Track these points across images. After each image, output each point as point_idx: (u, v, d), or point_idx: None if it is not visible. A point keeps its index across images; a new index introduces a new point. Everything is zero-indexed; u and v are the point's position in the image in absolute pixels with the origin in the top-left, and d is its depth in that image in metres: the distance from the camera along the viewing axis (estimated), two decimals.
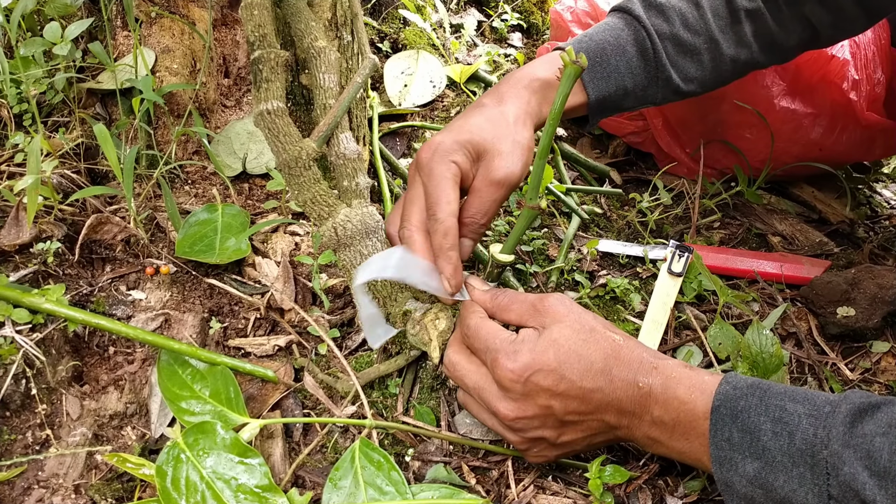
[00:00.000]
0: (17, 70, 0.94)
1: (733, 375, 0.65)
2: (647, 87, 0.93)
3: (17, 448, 0.75)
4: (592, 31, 0.92)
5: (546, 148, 0.70)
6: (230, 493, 0.68)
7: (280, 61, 0.92)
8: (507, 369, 0.66)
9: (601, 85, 0.90)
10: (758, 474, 0.60)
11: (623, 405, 0.66)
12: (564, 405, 0.66)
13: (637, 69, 0.91)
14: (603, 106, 0.92)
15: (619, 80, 0.90)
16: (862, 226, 1.21)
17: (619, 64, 0.90)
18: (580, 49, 0.89)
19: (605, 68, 0.89)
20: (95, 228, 0.91)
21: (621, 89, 0.91)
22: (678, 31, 0.92)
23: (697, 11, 0.93)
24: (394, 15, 1.48)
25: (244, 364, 0.81)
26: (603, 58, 0.89)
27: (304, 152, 0.87)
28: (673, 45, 0.92)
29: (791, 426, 0.60)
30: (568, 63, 0.66)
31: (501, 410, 0.68)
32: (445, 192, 0.74)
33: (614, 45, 0.90)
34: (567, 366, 0.66)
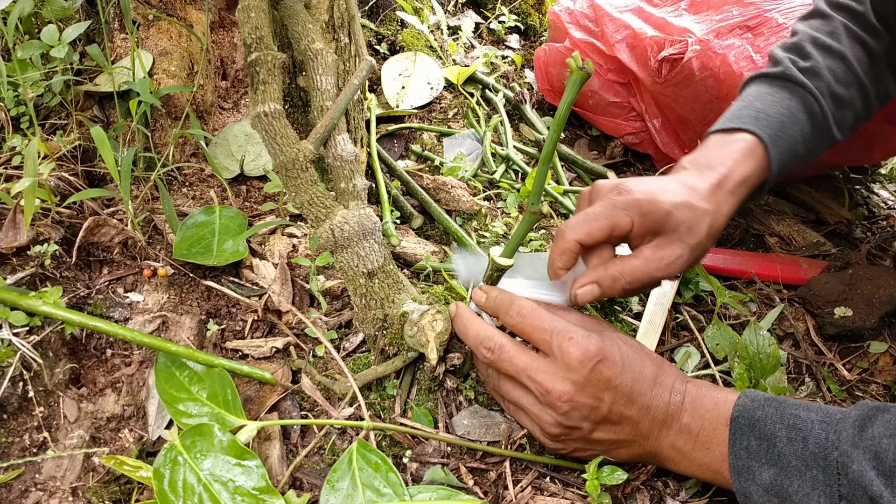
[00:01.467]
0: (15, 73, 0.94)
1: (751, 391, 0.70)
2: (813, 149, 0.91)
3: (15, 450, 0.75)
4: (762, 105, 0.89)
5: (549, 154, 0.70)
6: (227, 496, 0.68)
7: (277, 63, 0.92)
8: (581, 350, 0.68)
9: (783, 158, 0.87)
10: (774, 481, 0.63)
11: (657, 414, 0.70)
12: (613, 400, 0.69)
13: (808, 135, 0.90)
14: (779, 174, 0.88)
15: (795, 149, 0.88)
16: (859, 226, 1.21)
17: (795, 133, 0.88)
18: (763, 130, 0.85)
19: (785, 141, 0.87)
20: (93, 231, 0.91)
21: (794, 156, 0.89)
22: (834, 88, 0.92)
23: (844, 64, 0.93)
24: (391, 17, 1.48)
25: (242, 366, 0.81)
26: (783, 132, 0.87)
27: (302, 154, 0.87)
28: (833, 103, 0.92)
29: (805, 431, 0.63)
30: (574, 69, 0.66)
31: (557, 389, 0.69)
32: (594, 226, 0.73)
33: (788, 116, 0.88)
34: (628, 365, 0.70)
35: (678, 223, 0.74)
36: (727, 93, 1.17)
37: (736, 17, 1.19)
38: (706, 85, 1.18)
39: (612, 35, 1.24)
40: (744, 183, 0.82)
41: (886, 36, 0.95)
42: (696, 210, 0.75)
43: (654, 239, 0.75)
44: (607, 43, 1.25)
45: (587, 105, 1.38)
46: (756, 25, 1.18)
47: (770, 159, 0.85)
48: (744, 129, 0.85)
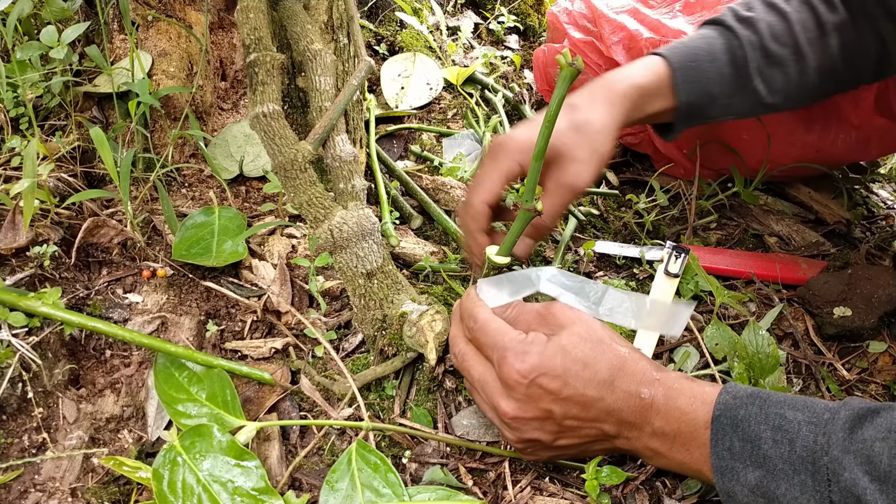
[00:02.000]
0: (14, 74, 0.94)
1: (733, 385, 0.66)
2: (732, 94, 0.93)
3: (14, 451, 0.75)
4: (686, 39, 0.94)
5: (542, 150, 0.70)
6: (227, 496, 0.68)
7: (276, 64, 0.92)
8: (514, 369, 0.66)
9: (691, 89, 0.90)
10: (759, 483, 0.60)
11: (623, 415, 0.67)
12: (565, 410, 0.67)
13: (726, 76, 0.92)
14: (689, 111, 0.93)
15: (708, 86, 0.91)
16: (858, 226, 1.21)
17: (710, 69, 0.91)
18: (672, 53, 0.90)
19: (697, 72, 0.90)
20: (92, 231, 0.91)
21: (708, 96, 0.92)
22: (767, 42, 0.93)
23: (785, 24, 0.94)
24: (390, 17, 1.48)
25: (241, 367, 0.81)
26: (695, 62, 0.90)
27: (300, 155, 0.87)
28: (762, 56, 0.93)
29: (791, 434, 0.60)
30: (564, 65, 0.66)
31: (502, 407, 0.68)
32: (490, 183, 0.79)
33: (707, 51, 0.91)
34: (573, 373, 0.66)
35: (561, 146, 0.79)
36: None
37: None
38: None
39: (609, 37, 1.24)
40: (638, 87, 0.86)
41: (843, 11, 0.95)
42: (578, 129, 0.80)
43: (552, 171, 0.80)
44: (605, 44, 1.25)
45: None
46: None
47: (675, 82, 0.89)
48: (655, 52, 0.91)
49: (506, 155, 0.79)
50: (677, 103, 0.90)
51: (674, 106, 0.91)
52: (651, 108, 0.90)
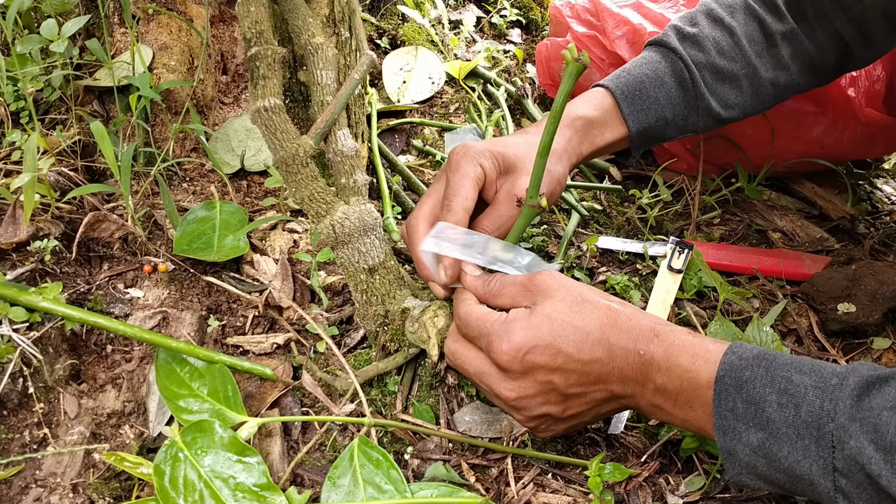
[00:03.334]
0: (14, 67, 0.93)
1: (739, 345, 0.64)
2: (687, 116, 0.94)
3: (15, 447, 0.74)
4: (629, 66, 0.94)
5: (547, 146, 0.69)
6: (228, 492, 0.68)
7: (277, 58, 0.92)
8: (502, 351, 0.66)
9: (641, 117, 0.91)
10: (761, 444, 0.59)
11: (625, 373, 0.65)
12: (565, 379, 0.66)
13: (676, 99, 0.93)
14: (644, 137, 0.93)
15: (659, 112, 0.92)
16: (863, 222, 1.20)
17: (659, 95, 0.91)
18: (618, 84, 0.91)
19: (645, 101, 0.91)
20: (93, 226, 0.91)
21: (661, 120, 0.92)
22: (714, 59, 0.93)
23: (732, 39, 0.94)
24: (392, 11, 1.48)
25: (242, 362, 0.81)
26: (641, 90, 0.91)
27: (302, 149, 0.86)
28: (711, 74, 0.94)
29: (797, 398, 0.59)
30: (570, 61, 0.65)
31: (503, 392, 0.68)
32: (464, 188, 0.77)
33: (652, 77, 0.92)
34: (562, 339, 0.65)
35: (515, 157, 0.81)
36: None
37: None
38: None
39: (613, 31, 1.24)
40: (584, 118, 0.88)
41: (790, 20, 0.95)
42: (529, 144, 0.82)
43: (502, 182, 0.81)
44: (608, 38, 1.25)
45: None
46: None
47: (623, 113, 0.90)
48: (599, 84, 0.93)
49: (469, 161, 0.79)
50: (630, 132, 0.91)
51: (626, 134, 0.91)
52: (603, 139, 0.90)
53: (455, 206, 0.77)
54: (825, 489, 0.56)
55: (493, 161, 0.80)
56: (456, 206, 0.77)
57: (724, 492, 0.75)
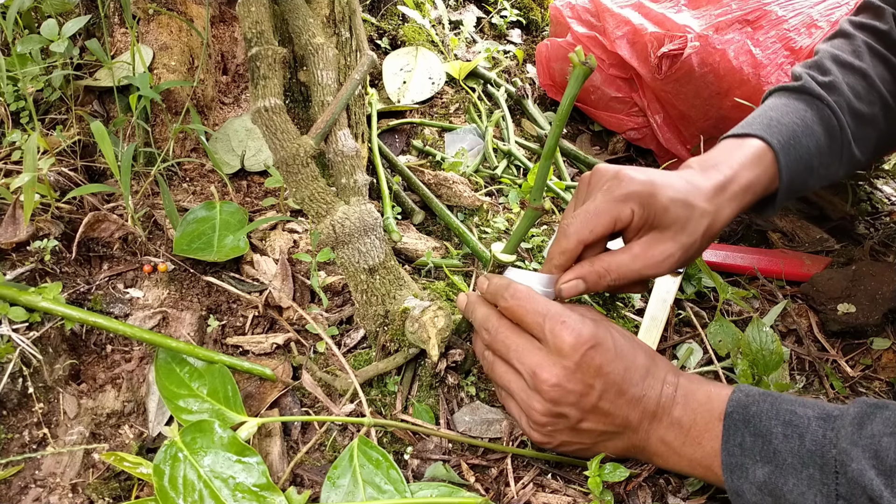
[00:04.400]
0: (14, 67, 0.93)
1: (745, 385, 0.68)
2: (830, 164, 0.89)
3: (14, 447, 0.74)
4: (776, 115, 0.87)
5: (551, 150, 0.69)
6: (228, 492, 0.68)
7: (277, 58, 0.92)
8: (573, 335, 0.66)
9: (794, 168, 0.85)
10: (768, 479, 0.61)
11: (648, 405, 0.68)
12: (604, 388, 0.67)
13: (824, 148, 0.88)
14: (790, 189, 0.86)
15: (809, 161, 0.86)
16: (862, 222, 1.20)
17: (810, 144, 0.86)
18: (775, 135, 0.84)
19: (798, 151, 0.85)
20: (93, 226, 0.91)
21: (809, 170, 0.87)
22: (854, 104, 0.90)
23: (866, 81, 0.91)
24: (392, 11, 1.48)
25: (242, 362, 0.81)
26: (795, 140, 0.85)
27: (302, 149, 0.86)
28: (853, 119, 0.90)
29: (801, 428, 0.62)
30: (577, 63, 0.65)
31: (544, 374, 0.67)
32: (593, 226, 0.72)
33: (802, 126, 0.86)
34: (621, 354, 0.68)
35: (675, 219, 0.72)
36: (727, 88, 1.17)
37: (735, 11, 1.18)
38: (706, 81, 1.18)
39: (613, 31, 1.24)
40: (748, 188, 0.80)
41: None
42: (695, 209, 0.73)
43: (647, 234, 0.73)
44: (608, 38, 1.25)
45: (589, 100, 1.38)
46: (755, 19, 1.17)
47: (779, 168, 0.83)
48: (754, 134, 0.84)
49: (623, 197, 0.72)
50: (781, 186, 0.84)
51: (776, 186, 0.85)
52: (753, 199, 0.83)
53: (572, 235, 0.72)
54: None
55: (645, 212, 0.72)
56: (574, 236, 0.72)
57: (723, 492, 0.75)
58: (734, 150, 0.82)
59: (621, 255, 0.73)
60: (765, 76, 1.13)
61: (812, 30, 1.16)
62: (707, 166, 0.79)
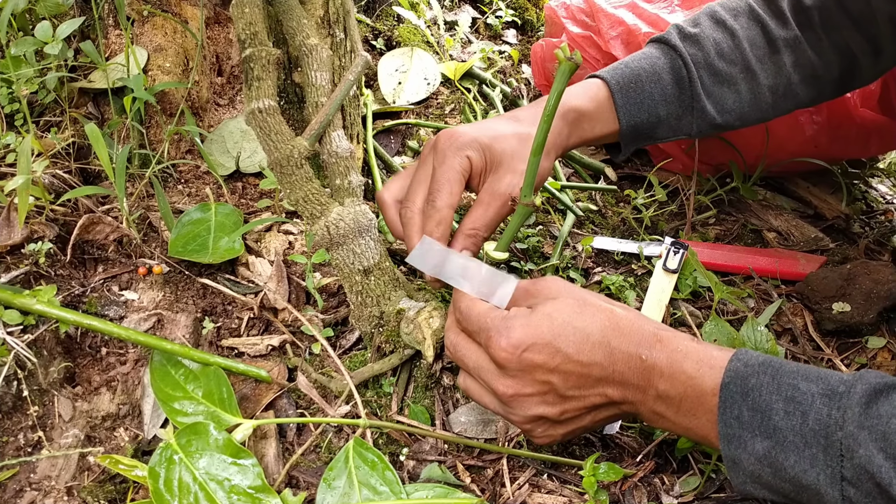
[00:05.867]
0: (8, 70, 0.93)
1: (744, 352, 0.63)
2: (681, 116, 0.91)
3: (9, 450, 0.74)
4: (628, 59, 0.92)
5: (540, 145, 0.69)
6: (223, 495, 0.68)
7: (271, 59, 0.92)
8: (500, 346, 0.65)
9: (634, 111, 0.88)
10: (767, 453, 0.59)
11: (626, 378, 0.64)
12: (563, 380, 0.65)
13: (671, 97, 0.90)
14: (636, 134, 0.90)
15: (653, 108, 0.89)
16: (857, 221, 1.21)
17: (654, 91, 0.89)
18: (614, 76, 0.88)
19: (639, 95, 0.88)
20: (87, 228, 0.91)
21: (654, 117, 0.90)
22: (713, 60, 0.91)
23: (733, 41, 0.92)
24: (387, 12, 1.48)
25: (237, 364, 0.81)
26: (637, 84, 0.88)
27: (296, 151, 0.86)
28: (709, 75, 0.91)
29: (804, 406, 0.58)
30: (562, 59, 0.65)
31: (500, 389, 0.66)
32: (450, 183, 0.76)
33: (650, 71, 0.89)
34: (562, 339, 0.64)
35: (503, 151, 0.78)
36: None
37: None
38: None
39: (608, 31, 1.24)
40: (577, 111, 0.85)
41: (795, 28, 0.94)
42: (520, 139, 0.79)
43: (488, 177, 0.78)
44: (603, 39, 1.25)
45: None
46: None
47: (616, 105, 0.87)
48: (595, 75, 0.90)
49: (455, 153, 0.76)
50: (621, 126, 0.89)
51: (617, 129, 0.89)
52: (594, 131, 0.88)
53: (440, 204, 0.75)
54: (833, 499, 0.56)
55: (481, 154, 0.78)
56: (440, 203, 0.75)
57: (718, 491, 0.75)
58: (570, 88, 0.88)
59: (476, 209, 0.77)
60: None
61: None
62: (536, 102, 0.88)
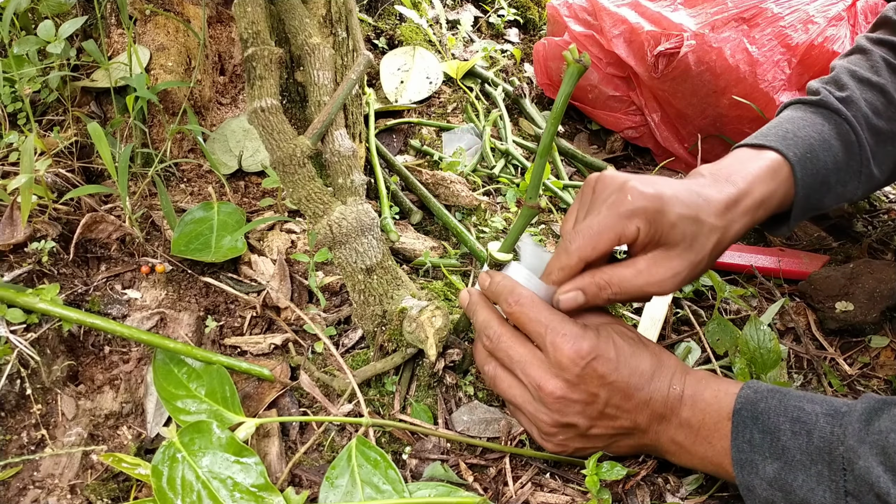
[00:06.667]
0: (11, 69, 0.93)
1: (754, 382, 0.68)
2: (847, 182, 0.86)
3: (13, 448, 0.74)
4: (792, 127, 0.84)
5: (546, 147, 0.70)
6: (226, 493, 0.68)
7: (274, 58, 0.92)
8: (573, 349, 0.66)
9: (809, 182, 0.81)
10: (777, 475, 0.62)
11: (656, 407, 0.69)
12: (609, 396, 0.68)
13: (842, 164, 0.85)
14: (807, 205, 0.83)
15: (825, 177, 0.83)
16: (860, 220, 1.20)
17: (827, 160, 0.83)
18: (789, 148, 0.81)
19: (815, 165, 0.81)
20: (90, 227, 0.91)
21: (825, 186, 0.84)
22: (872, 121, 0.87)
23: (885, 97, 0.89)
24: (390, 11, 1.47)
25: (240, 363, 0.81)
26: (812, 154, 0.82)
27: (299, 150, 0.86)
28: (872, 136, 0.87)
29: (809, 425, 0.62)
30: (571, 62, 0.65)
31: (548, 387, 0.68)
32: (595, 244, 0.69)
33: (820, 140, 0.83)
34: (624, 361, 0.68)
35: (682, 236, 0.69)
36: (724, 86, 1.17)
37: (731, 9, 1.18)
38: (703, 79, 1.18)
39: (610, 30, 1.24)
40: (762, 203, 0.77)
41: None
42: (704, 225, 0.70)
43: (653, 250, 0.70)
44: (605, 37, 1.25)
45: (587, 99, 1.38)
46: (751, 17, 1.18)
47: (795, 182, 0.80)
48: (770, 146, 0.80)
49: (629, 214, 0.68)
50: (796, 200, 0.81)
51: (791, 199, 0.81)
52: (767, 212, 0.79)
53: (574, 254, 0.70)
54: None
55: (652, 228, 0.68)
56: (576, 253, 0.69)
57: (721, 491, 0.75)
58: (748, 162, 0.79)
59: (625, 269, 0.70)
60: (761, 73, 1.13)
61: (808, 26, 1.16)
62: (719, 178, 0.76)
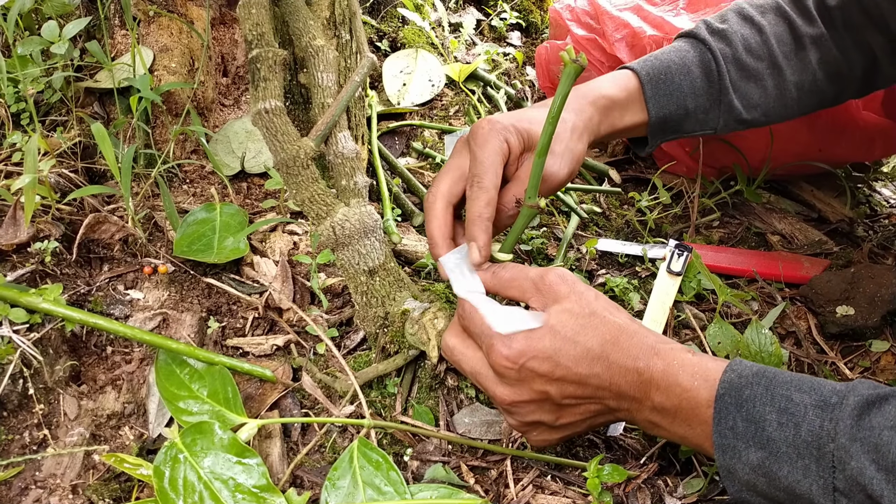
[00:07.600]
0: (15, 69, 0.93)
1: (738, 362, 0.64)
2: (708, 109, 0.92)
3: (15, 448, 0.74)
4: (658, 52, 0.93)
5: (545, 147, 0.70)
6: (228, 494, 0.68)
7: (278, 60, 0.92)
8: (502, 356, 0.65)
9: (663, 103, 0.89)
10: (761, 463, 0.59)
11: (622, 390, 0.65)
12: (561, 390, 0.66)
13: (700, 90, 0.91)
14: (664, 126, 0.91)
15: (682, 100, 0.90)
16: (861, 224, 1.21)
17: (683, 83, 0.90)
18: (644, 67, 0.89)
19: (669, 86, 0.89)
20: (93, 228, 0.91)
21: (682, 109, 0.90)
22: (741, 55, 0.92)
23: (760, 37, 0.93)
24: (392, 14, 1.48)
25: (242, 364, 0.81)
26: (667, 76, 0.89)
27: (302, 151, 0.87)
28: (736, 69, 0.92)
29: (797, 417, 0.59)
30: (567, 62, 0.66)
31: (498, 395, 0.68)
32: (494, 164, 0.74)
33: (679, 64, 0.90)
34: (563, 352, 0.65)
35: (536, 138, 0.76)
36: None
37: None
38: None
39: (612, 34, 1.24)
40: (608, 98, 0.85)
41: (820, 25, 0.94)
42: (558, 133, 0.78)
43: (524, 160, 0.78)
44: (608, 41, 1.25)
45: None
46: None
47: (645, 97, 0.88)
48: (626, 66, 0.91)
49: (496, 136, 0.75)
50: (650, 117, 0.89)
51: (646, 120, 0.89)
52: (623, 121, 0.88)
53: (486, 184, 0.74)
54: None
55: (518, 137, 0.77)
56: (487, 183, 0.74)
57: (721, 494, 0.75)
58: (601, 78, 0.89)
59: (515, 184, 0.76)
60: None
61: None
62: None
